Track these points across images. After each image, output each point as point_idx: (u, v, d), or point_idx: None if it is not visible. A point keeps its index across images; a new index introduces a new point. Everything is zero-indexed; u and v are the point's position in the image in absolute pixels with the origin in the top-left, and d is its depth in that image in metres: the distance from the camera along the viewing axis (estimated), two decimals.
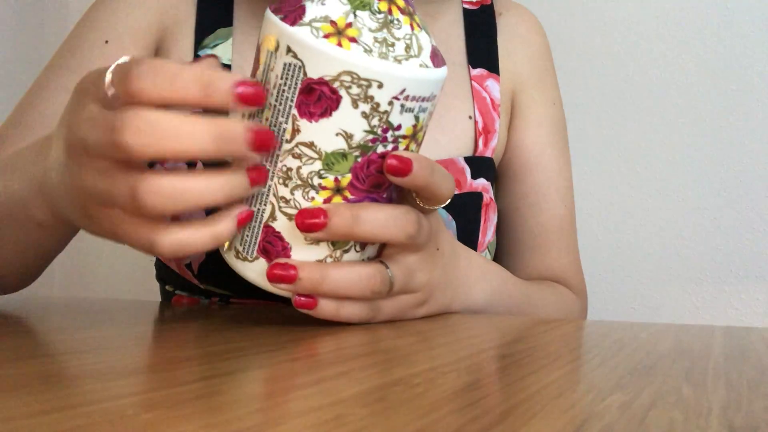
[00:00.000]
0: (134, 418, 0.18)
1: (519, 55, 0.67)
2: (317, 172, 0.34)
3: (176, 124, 0.30)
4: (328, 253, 0.36)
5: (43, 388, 0.21)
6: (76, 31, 0.61)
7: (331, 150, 0.34)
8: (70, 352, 0.28)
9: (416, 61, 0.34)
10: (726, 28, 0.91)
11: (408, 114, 0.35)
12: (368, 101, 0.33)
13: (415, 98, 0.34)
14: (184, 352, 0.29)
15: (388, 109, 0.34)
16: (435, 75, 0.35)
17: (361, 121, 0.34)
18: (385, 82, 0.33)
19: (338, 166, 0.34)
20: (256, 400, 0.20)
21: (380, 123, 0.34)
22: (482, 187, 0.61)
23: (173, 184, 0.31)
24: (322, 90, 0.33)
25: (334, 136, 0.34)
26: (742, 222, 0.90)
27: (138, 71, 0.30)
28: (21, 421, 0.17)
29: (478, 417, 0.19)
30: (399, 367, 0.26)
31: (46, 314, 0.45)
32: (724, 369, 0.27)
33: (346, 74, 0.32)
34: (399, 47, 0.34)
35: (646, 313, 0.95)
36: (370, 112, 0.33)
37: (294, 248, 0.36)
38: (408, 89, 0.34)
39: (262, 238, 0.36)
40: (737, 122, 0.91)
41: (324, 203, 0.35)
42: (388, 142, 0.35)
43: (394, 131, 0.35)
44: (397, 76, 0.33)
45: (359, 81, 0.33)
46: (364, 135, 0.34)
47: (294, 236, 0.35)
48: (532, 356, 0.29)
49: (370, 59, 0.33)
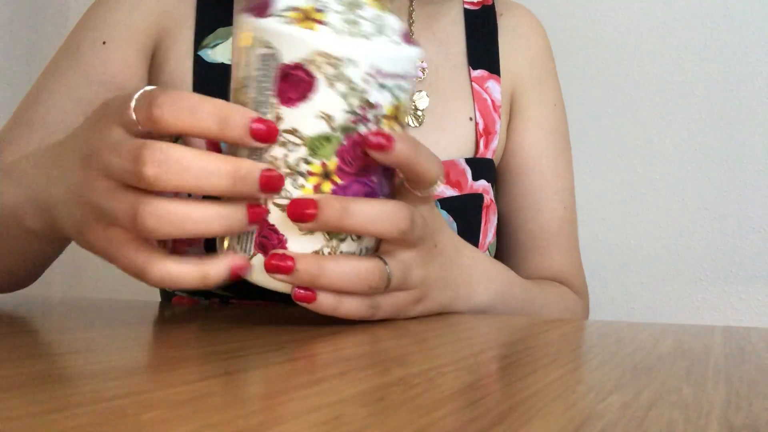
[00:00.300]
0: (134, 418, 0.18)
1: (520, 55, 0.67)
2: (303, 158, 0.34)
3: (197, 161, 0.32)
4: (324, 243, 0.36)
5: (43, 388, 0.21)
6: (75, 32, 0.61)
7: (314, 134, 0.34)
8: (70, 352, 0.28)
9: (386, 39, 0.35)
10: (726, 28, 0.91)
11: (385, 92, 0.35)
12: (344, 80, 0.34)
13: (389, 75, 0.35)
14: (184, 352, 0.29)
15: (364, 87, 0.34)
16: (407, 51, 0.36)
17: (339, 102, 0.34)
18: (357, 59, 0.34)
19: (323, 150, 0.34)
20: (256, 400, 0.20)
21: (359, 102, 0.34)
22: (483, 189, 0.61)
23: (175, 209, 0.32)
24: (298, 74, 0.34)
25: (315, 119, 0.34)
26: (742, 222, 0.90)
27: (160, 100, 0.32)
28: (21, 421, 0.17)
29: (478, 417, 0.19)
30: (399, 367, 0.26)
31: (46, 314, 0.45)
32: (724, 369, 0.27)
33: (318, 55, 0.33)
34: (367, 27, 0.35)
35: (646, 313, 0.95)
36: (347, 91, 0.34)
37: (290, 240, 0.35)
38: (381, 65, 0.34)
39: (257, 233, 0.36)
40: (737, 122, 0.91)
41: (314, 189, 0.35)
42: (370, 121, 0.35)
43: (374, 110, 0.35)
44: (369, 53, 0.34)
45: (332, 60, 0.33)
46: (345, 115, 0.34)
47: (288, 227, 0.35)
48: (532, 356, 0.29)
49: (341, 38, 0.34)
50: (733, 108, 0.91)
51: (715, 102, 0.92)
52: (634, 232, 0.96)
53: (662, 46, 0.95)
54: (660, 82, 0.94)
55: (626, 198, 0.96)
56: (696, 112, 0.93)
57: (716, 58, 0.92)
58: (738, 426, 0.18)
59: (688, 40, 0.93)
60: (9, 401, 0.19)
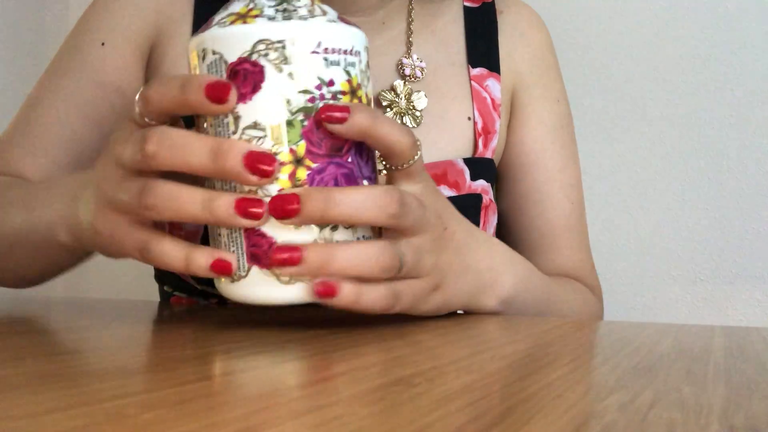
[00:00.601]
0: (134, 418, 0.18)
1: (520, 52, 0.66)
2: (271, 149, 0.34)
3: (187, 139, 0.34)
4: (317, 236, 0.35)
5: (43, 388, 0.21)
6: (74, 33, 0.61)
7: (275, 122, 0.34)
8: (70, 352, 0.28)
9: (322, 19, 0.35)
10: (727, 28, 0.91)
11: (336, 68, 0.35)
12: (290, 61, 0.34)
13: (335, 50, 0.35)
14: (184, 352, 0.29)
15: (311, 64, 0.34)
16: (346, 28, 0.36)
17: (291, 83, 0.34)
18: (296, 37, 0.34)
19: (288, 136, 0.34)
20: (255, 400, 0.20)
21: (310, 80, 0.34)
22: (482, 189, 0.60)
23: (170, 189, 0.34)
24: (244, 68, 0.34)
25: (273, 107, 0.34)
26: (742, 222, 0.90)
27: (151, 139, 0.34)
28: (21, 421, 0.17)
29: (478, 417, 0.19)
30: (399, 367, 0.26)
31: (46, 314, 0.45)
32: (724, 369, 0.27)
33: (259, 43, 0.34)
34: (302, 12, 0.35)
35: (646, 313, 0.95)
36: (296, 71, 0.34)
37: (279, 240, 0.34)
38: (324, 41, 0.35)
39: (247, 245, 0.35)
40: (738, 122, 0.91)
41: (289, 179, 0.34)
42: (327, 99, 0.35)
43: (328, 87, 0.35)
44: (307, 30, 0.34)
45: (273, 45, 0.34)
46: (300, 96, 0.34)
47: (275, 227, 0.34)
48: (532, 356, 0.29)
49: (276, 23, 0.34)
50: (733, 108, 0.91)
51: (715, 102, 0.92)
52: (634, 232, 0.96)
53: (662, 46, 0.94)
54: (660, 82, 0.94)
55: (626, 198, 0.96)
56: (696, 112, 0.93)
57: (717, 58, 0.92)
58: (738, 426, 0.18)
59: (689, 39, 0.93)
60: (9, 401, 0.19)
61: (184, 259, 0.34)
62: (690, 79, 0.93)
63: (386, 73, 0.61)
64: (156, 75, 0.60)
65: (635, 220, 0.95)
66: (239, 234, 0.35)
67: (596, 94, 0.98)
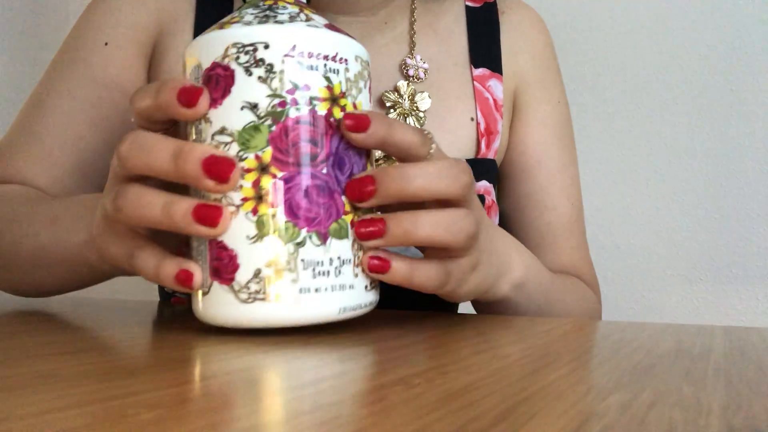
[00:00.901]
0: (134, 418, 0.18)
1: (522, 53, 0.66)
2: (237, 154, 0.32)
3: (154, 141, 0.33)
4: (280, 249, 0.32)
5: (43, 388, 0.21)
6: (75, 33, 0.61)
7: (241, 126, 0.33)
8: (70, 352, 0.28)
9: (302, 23, 0.34)
10: (727, 28, 0.91)
11: (313, 72, 0.33)
12: (260, 64, 0.33)
13: (314, 55, 0.33)
14: (184, 352, 0.29)
15: (283, 67, 0.33)
16: (330, 34, 0.34)
17: (260, 87, 0.33)
18: (270, 40, 0.33)
19: (254, 141, 0.32)
20: (256, 400, 0.20)
21: (281, 84, 0.33)
22: (484, 190, 0.60)
23: (135, 191, 0.33)
24: (217, 73, 0.33)
25: (240, 111, 0.33)
26: (742, 222, 0.90)
27: (125, 141, 0.33)
28: (21, 421, 0.17)
29: (478, 417, 0.19)
30: (399, 367, 0.26)
31: (46, 314, 0.45)
32: (724, 369, 0.27)
33: (231, 47, 0.33)
34: (282, 17, 0.34)
35: (646, 313, 0.95)
36: (266, 75, 0.33)
37: (239, 253, 0.32)
38: (299, 44, 0.33)
39: (210, 258, 0.33)
40: (738, 122, 0.91)
41: (253, 186, 0.32)
42: (300, 104, 0.33)
43: (302, 91, 0.33)
44: (281, 33, 0.33)
45: (245, 48, 0.33)
46: (269, 100, 0.33)
47: (237, 240, 0.32)
48: (532, 356, 0.29)
49: (250, 26, 0.33)
50: (733, 108, 0.91)
51: (714, 102, 0.92)
52: (634, 231, 0.96)
53: (662, 46, 0.94)
54: (660, 83, 0.94)
55: (626, 198, 0.96)
56: (696, 112, 0.93)
57: (717, 58, 0.92)
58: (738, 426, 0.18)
59: (689, 40, 0.93)
60: (9, 401, 0.19)
61: (154, 268, 0.33)
62: (690, 79, 0.93)
63: (389, 72, 0.61)
64: (157, 74, 0.60)
65: (635, 220, 0.95)
66: (205, 246, 0.33)
67: (596, 94, 0.98)
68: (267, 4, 0.36)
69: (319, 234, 0.33)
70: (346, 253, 0.34)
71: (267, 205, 0.32)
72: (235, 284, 0.32)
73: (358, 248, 0.35)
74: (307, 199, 0.33)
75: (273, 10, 0.35)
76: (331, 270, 0.33)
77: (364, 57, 0.36)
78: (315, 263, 0.33)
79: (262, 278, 0.32)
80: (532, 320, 0.43)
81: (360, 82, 0.36)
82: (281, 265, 0.32)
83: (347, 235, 0.34)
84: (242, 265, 0.32)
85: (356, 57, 0.35)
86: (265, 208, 0.32)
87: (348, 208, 0.34)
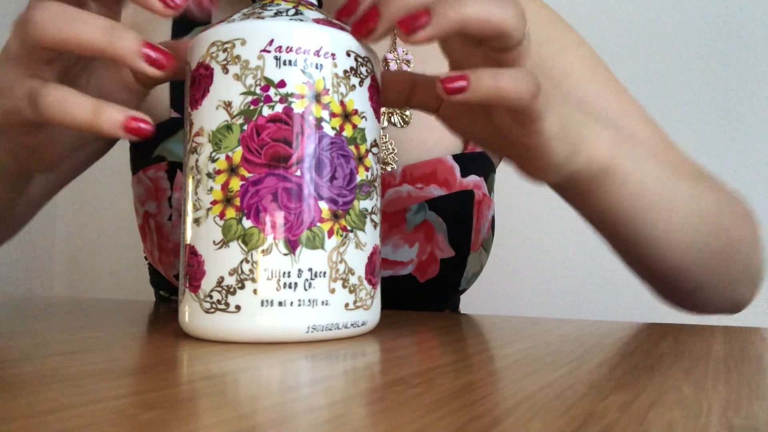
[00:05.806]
0: (134, 418, 0.18)
1: None
2: (210, 156, 0.32)
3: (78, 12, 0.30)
4: (243, 257, 0.31)
5: (43, 388, 0.21)
6: None
7: (215, 126, 0.32)
8: (70, 352, 0.28)
9: (285, 18, 0.33)
10: (727, 28, 0.91)
11: (291, 68, 0.32)
12: (236, 61, 0.32)
13: (292, 49, 0.32)
14: (183, 352, 0.29)
15: (259, 63, 0.31)
16: (315, 27, 0.32)
17: (235, 85, 0.31)
18: (246, 36, 0.32)
19: (226, 141, 0.31)
20: (256, 400, 0.20)
21: (256, 81, 0.31)
22: (474, 184, 0.59)
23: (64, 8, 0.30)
24: (199, 73, 0.33)
25: (215, 111, 0.32)
26: None
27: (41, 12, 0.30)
28: (21, 421, 0.17)
29: (478, 417, 0.19)
30: (399, 367, 0.26)
31: (46, 314, 0.45)
32: (724, 369, 0.27)
33: (211, 46, 0.32)
34: (268, 14, 0.33)
35: (646, 313, 0.95)
36: (242, 72, 0.31)
37: (206, 260, 0.31)
38: (277, 39, 0.32)
39: (183, 263, 0.33)
40: (737, 122, 0.91)
41: (222, 190, 0.31)
42: (275, 102, 0.31)
43: (277, 89, 0.31)
44: (258, 29, 0.32)
45: (223, 45, 0.32)
46: (242, 98, 0.31)
47: (203, 243, 0.31)
48: (532, 356, 0.29)
49: (230, 23, 0.33)
50: (733, 108, 0.91)
51: (715, 102, 0.92)
52: None
53: (662, 46, 0.94)
54: (660, 82, 0.94)
55: None
56: (696, 111, 0.93)
57: (717, 58, 0.92)
58: (738, 426, 0.18)
59: (689, 39, 0.93)
60: (9, 401, 0.19)
61: (92, 111, 0.30)
62: (690, 79, 0.93)
63: None
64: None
65: None
66: (185, 251, 0.33)
67: None
68: (265, 2, 0.35)
69: (288, 242, 0.31)
70: (320, 265, 0.31)
71: (233, 209, 0.31)
72: (200, 292, 0.31)
73: (339, 261, 0.32)
74: (276, 203, 0.31)
75: (264, 8, 0.34)
76: (300, 282, 0.31)
77: (360, 52, 0.34)
78: (280, 274, 0.30)
79: (223, 287, 0.31)
80: (532, 320, 0.43)
81: (353, 78, 0.33)
82: (244, 274, 0.30)
83: (322, 245, 0.31)
84: (207, 272, 0.31)
85: (348, 52, 0.33)
86: (232, 212, 0.31)
87: (326, 215, 0.32)
